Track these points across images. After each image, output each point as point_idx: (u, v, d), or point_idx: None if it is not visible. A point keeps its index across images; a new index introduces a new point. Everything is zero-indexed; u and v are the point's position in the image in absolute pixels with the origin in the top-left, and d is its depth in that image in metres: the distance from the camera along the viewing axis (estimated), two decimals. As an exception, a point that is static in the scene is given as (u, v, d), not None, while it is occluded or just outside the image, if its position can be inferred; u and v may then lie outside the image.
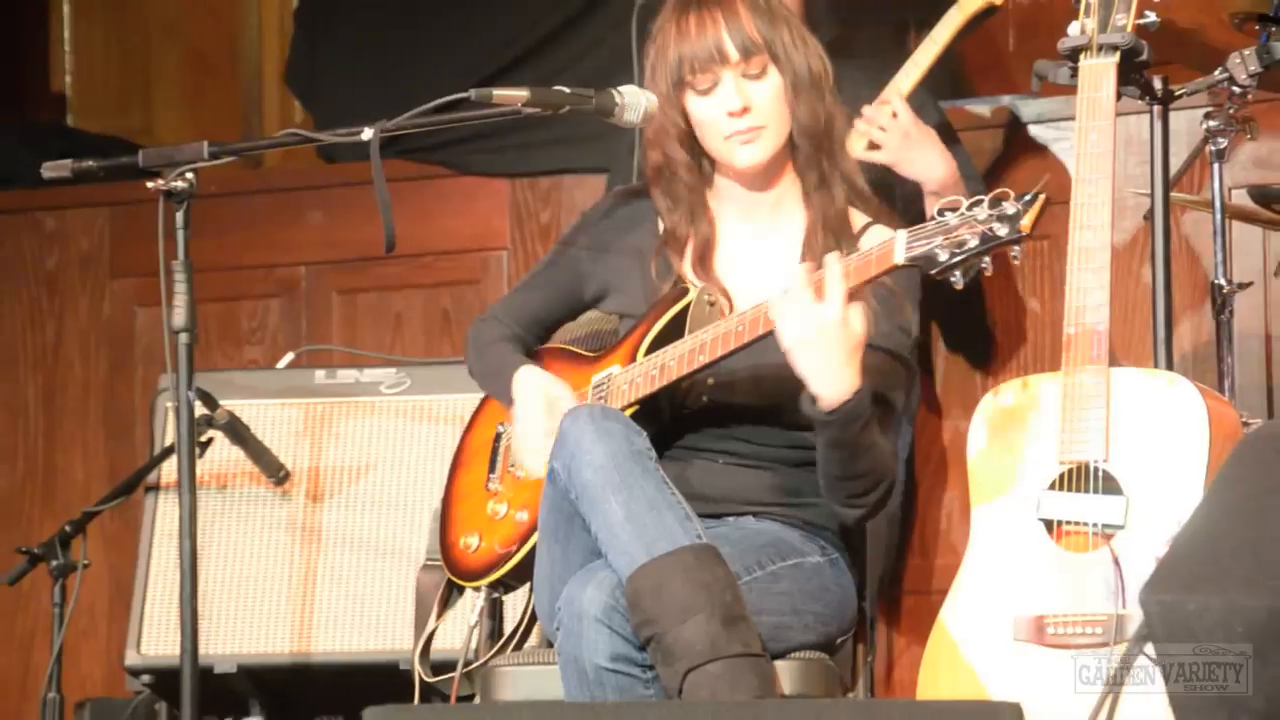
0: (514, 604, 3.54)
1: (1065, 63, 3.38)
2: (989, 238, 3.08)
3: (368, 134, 3.37)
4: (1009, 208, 3.08)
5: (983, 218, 3.09)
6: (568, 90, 3.39)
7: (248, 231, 5.30)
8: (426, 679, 3.53)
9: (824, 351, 3.16)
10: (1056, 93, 4.10)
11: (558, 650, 3.19)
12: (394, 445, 4.50)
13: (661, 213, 3.52)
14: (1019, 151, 4.72)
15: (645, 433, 3.24)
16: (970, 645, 3.22)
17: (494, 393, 3.57)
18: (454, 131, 4.81)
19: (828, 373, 3.17)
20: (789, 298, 3.17)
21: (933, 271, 3.12)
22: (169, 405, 4.34)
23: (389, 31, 5.32)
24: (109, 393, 5.39)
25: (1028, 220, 3.07)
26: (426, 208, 5.17)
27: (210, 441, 4.35)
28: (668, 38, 3.43)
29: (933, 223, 3.12)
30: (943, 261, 3.10)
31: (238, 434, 4.37)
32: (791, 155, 3.46)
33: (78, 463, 5.37)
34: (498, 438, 3.56)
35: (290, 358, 4.73)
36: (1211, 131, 3.87)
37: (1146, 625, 2.90)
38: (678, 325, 3.41)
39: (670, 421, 3.41)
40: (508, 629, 3.52)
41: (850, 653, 3.49)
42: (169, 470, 4.39)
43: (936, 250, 3.10)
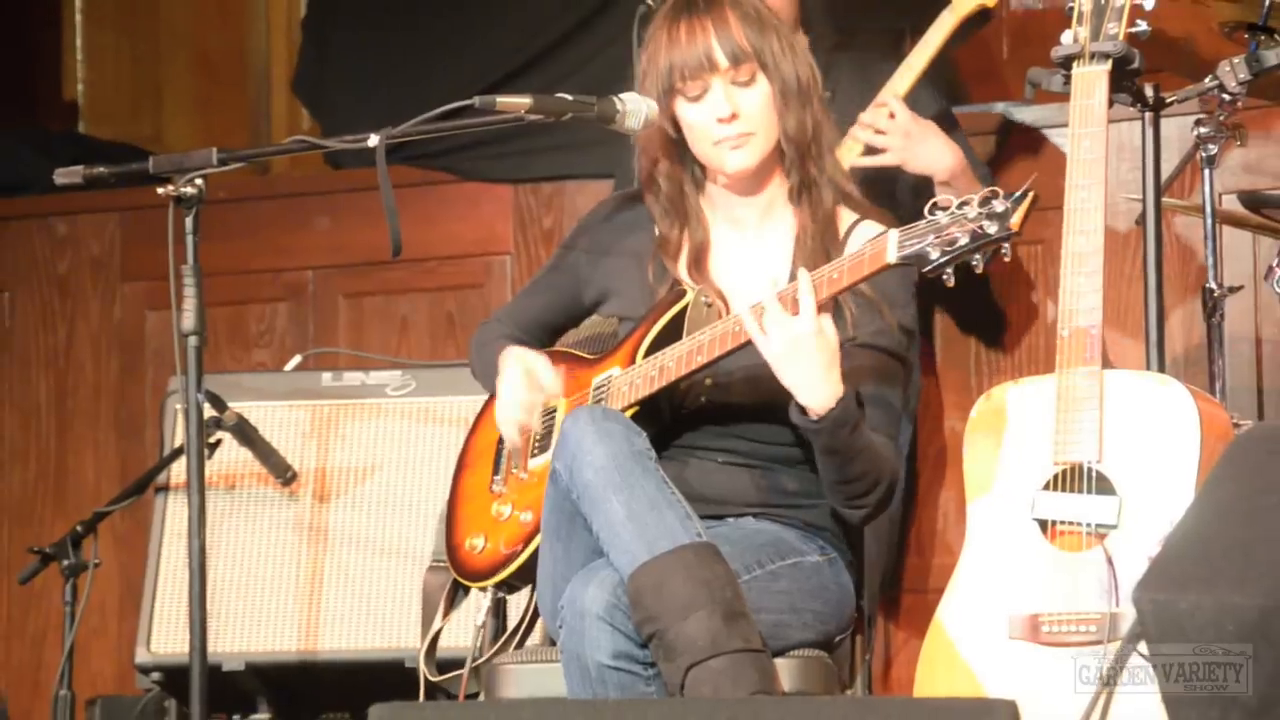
0: (516, 602, 3.55)
1: (1058, 70, 3.39)
2: (979, 235, 3.09)
3: (374, 141, 3.38)
4: (998, 205, 3.09)
5: (973, 216, 3.10)
6: (570, 98, 3.40)
7: (256, 236, 5.30)
8: (432, 678, 3.53)
9: (803, 364, 3.18)
10: (1050, 100, 4.10)
11: (560, 648, 3.20)
12: (399, 446, 4.50)
13: (655, 217, 3.53)
14: (1012, 158, 4.73)
15: (645, 433, 3.24)
16: (966, 643, 3.23)
17: (491, 389, 3.56)
18: (458, 138, 4.78)
19: (809, 384, 3.19)
20: (768, 313, 3.19)
21: (925, 270, 3.13)
22: (178, 407, 4.36)
23: (394, 40, 5.32)
24: (119, 395, 5.39)
25: (1017, 218, 3.08)
26: (431, 213, 5.17)
27: (219, 443, 4.36)
28: (659, 45, 3.43)
29: (924, 221, 3.13)
30: (934, 260, 3.11)
31: (246, 435, 4.38)
32: (780, 161, 3.46)
33: (89, 463, 5.37)
34: (501, 440, 3.55)
35: (297, 360, 4.74)
36: (1202, 138, 3.89)
37: (1139, 624, 2.90)
38: (676, 327, 3.41)
39: (670, 422, 3.41)
40: (511, 627, 3.52)
41: (848, 650, 3.48)
42: (178, 471, 4.41)
43: (928, 249, 3.11)
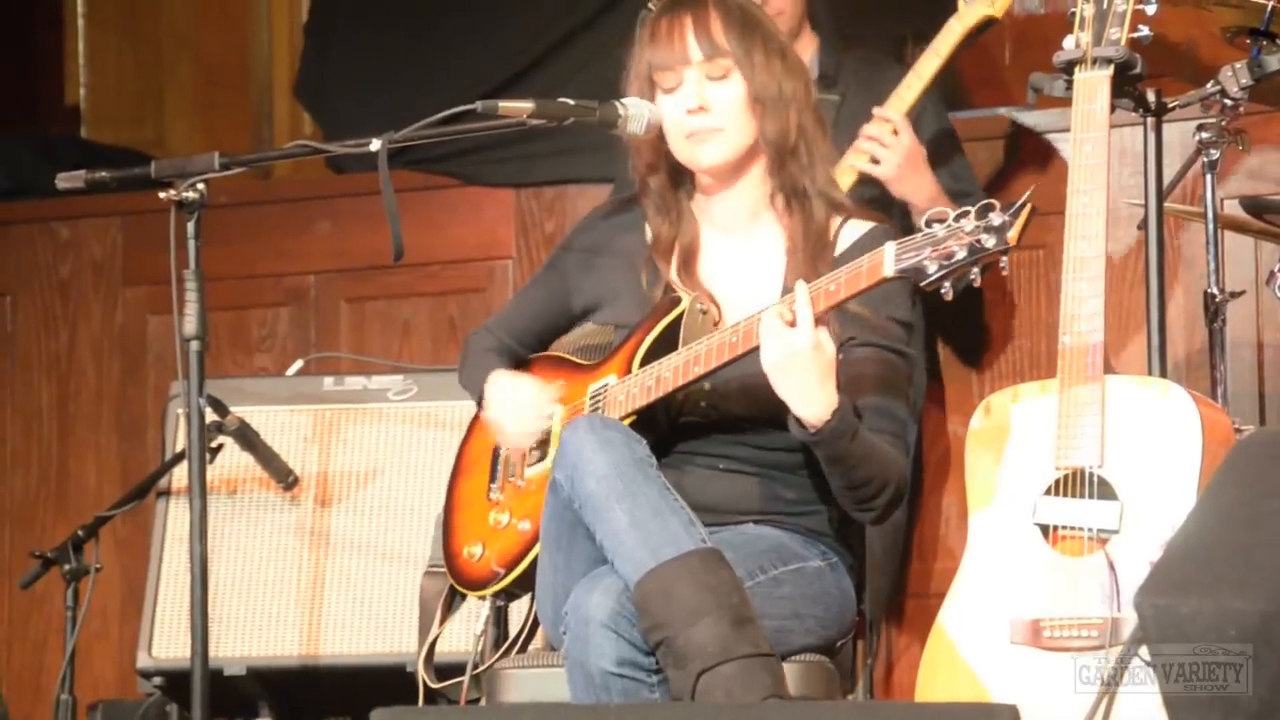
0: (518, 607, 3.54)
1: (1060, 75, 3.39)
2: (976, 249, 3.07)
3: (376, 145, 3.39)
4: (995, 219, 3.06)
5: (970, 229, 3.07)
6: (572, 102, 3.39)
7: (258, 241, 5.31)
8: (431, 684, 3.52)
9: (799, 376, 3.17)
10: (1052, 105, 4.11)
11: (564, 655, 3.19)
12: (401, 451, 4.50)
13: (649, 219, 3.51)
14: (1015, 162, 4.74)
15: (645, 440, 3.24)
16: (968, 648, 3.23)
17: (476, 402, 3.57)
18: (460, 142, 4.74)
19: (805, 397, 3.18)
20: (764, 325, 3.18)
21: (922, 284, 3.10)
22: (180, 411, 4.35)
23: (396, 44, 5.32)
24: (121, 399, 5.40)
25: (1014, 232, 3.06)
26: (433, 217, 5.18)
27: (221, 447, 4.34)
28: (643, 44, 3.43)
29: (920, 234, 3.10)
30: (932, 273, 3.09)
31: (248, 440, 4.37)
32: (766, 168, 3.43)
33: (90, 468, 5.38)
34: (497, 447, 3.54)
35: (299, 365, 4.74)
36: (1204, 143, 3.89)
37: (1141, 628, 2.91)
38: (671, 334, 3.39)
39: (668, 429, 3.40)
40: (512, 633, 3.51)
41: (850, 655, 3.48)
42: (180, 475, 4.41)
43: (925, 262, 3.09)
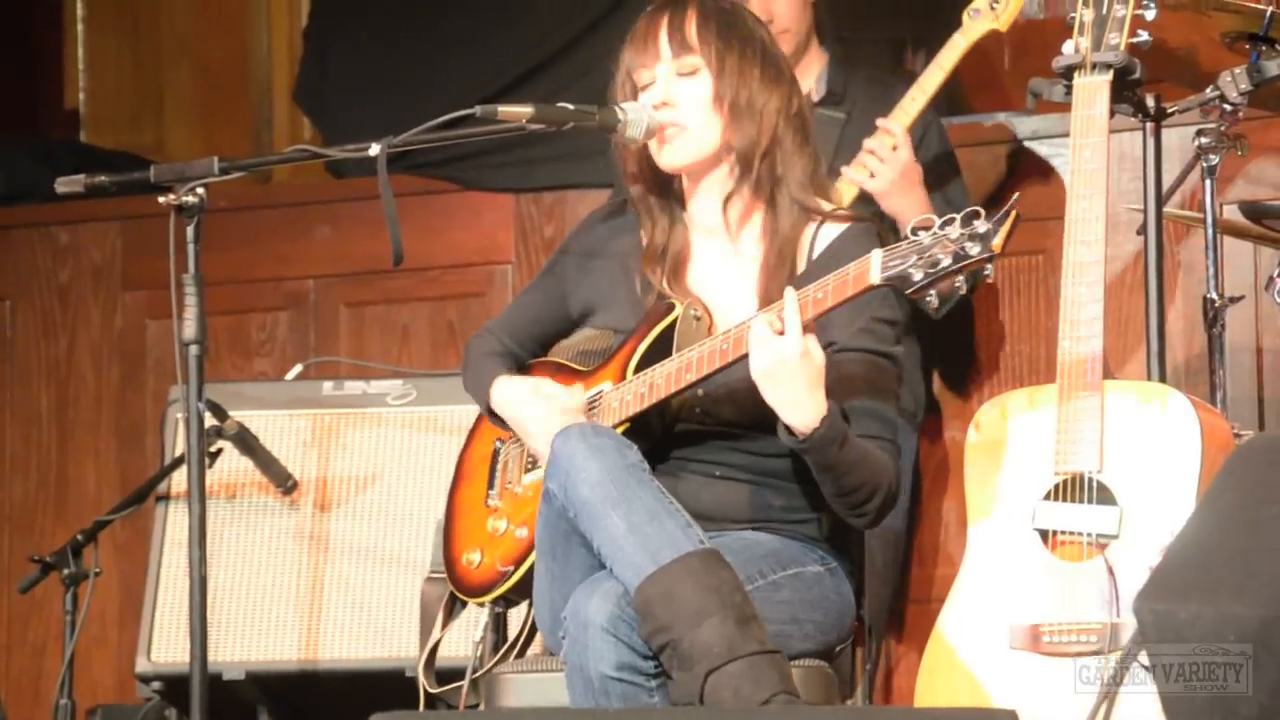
0: (516, 613, 3.54)
1: (1060, 80, 3.39)
2: (961, 256, 3.07)
3: (375, 150, 3.38)
4: (980, 226, 3.07)
5: (955, 236, 3.08)
6: (571, 107, 3.39)
7: (257, 245, 5.31)
8: (431, 689, 3.52)
9: (787, 384, 3.16)
10: (1051, 110, 4.12)
11: (563, 659, 3.19)
12: (400, 456, 4.51)
13: (641, 224, 3.51)
14: (1014, 167, 4.73)
15: (636, 446, 3.23)
16: (967, 653, 3.23)
17: (479, 405, 3.57)
18: (460, 147, 4.79)
19: (793, 404, 3.17)
20: (753, 333, 3.18)
21: (909, 291, 3.11)
22: (179, 416, 4.34)
23: (396, 49, 5.33)
24: (120, 403, 5.40)
25: (999, 239, 3.06)
26: (432, 222, 5.18)
27: (220, 452, 4.36)
28: (625, 46, 3.44)
29: (906, 242, 3.11)
30: (917, 281, 3.09)
31: (247, 444, 4.39)
32: (729, 172, 3.41)
33: (89, 472, 5.38)
34: (495, 454, 3.54)
35: (299, 369, 4.74)
36: (1203, 148, 3.89)
37: (1140, 633, 2.92)
38: (665, 341, 3.39)
39: (662, 436, 3.40)
40: (511, 637, 3.51)
41: (849, 660, 3.48)
42: (179, 480, 4.41)
43: (911, 270, 3.09)
